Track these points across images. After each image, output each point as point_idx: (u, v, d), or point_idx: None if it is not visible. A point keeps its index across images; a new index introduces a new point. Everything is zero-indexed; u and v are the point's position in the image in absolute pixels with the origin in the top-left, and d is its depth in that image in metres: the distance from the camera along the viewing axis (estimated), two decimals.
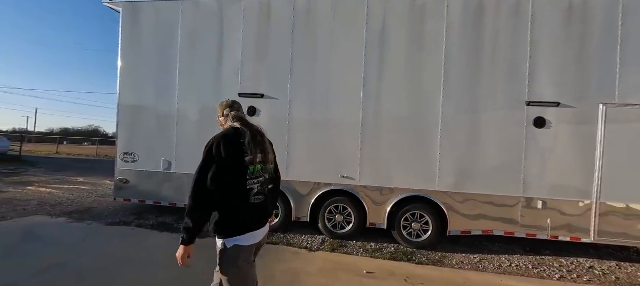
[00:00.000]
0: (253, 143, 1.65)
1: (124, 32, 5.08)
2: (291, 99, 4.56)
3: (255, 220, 1.68)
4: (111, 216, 5.07)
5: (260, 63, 4.68)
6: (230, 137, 1.65)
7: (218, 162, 1.56)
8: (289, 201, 4.54)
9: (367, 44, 4.40)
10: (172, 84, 4.91)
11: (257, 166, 1.65)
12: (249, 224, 1.64)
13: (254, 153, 1.64)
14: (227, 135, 1.66)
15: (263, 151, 1.72)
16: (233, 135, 1.67)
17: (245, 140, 1.64)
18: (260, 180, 1.67)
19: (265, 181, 1.72)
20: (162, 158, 4.91)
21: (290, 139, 4.55)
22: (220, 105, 1.90)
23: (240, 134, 1.67)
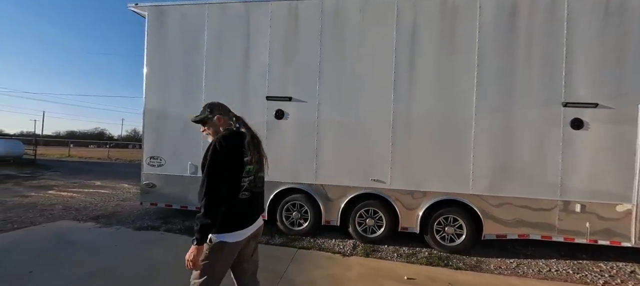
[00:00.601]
0: (252, 144, 1.80)
1: (149, 36, 5.07)
2: (320, 102, 4.51)
3: (243, 216, 1.76)
4: (138, 220, 5.06)
5: (287, 65, 4.65)
6: (234, 137, 1.78)
7: (226, 161, 1.67)
8: (319, 205, 4.49)
9: (397, 45, 4.35)
10: (198, 87, 4.89)
11: (252, 166, 1.77)
12: (239, 220, 1.73)
13: (252, 154, 1.77)
14: (232, 135, 1.79)
15: (258, 152, 1.85)
16: (236, 135, 1.80)
17: (245, 140, 1.79)
18: (250, 178, 1.77)
19: (254, 179, 1.81)
20: (189, 162, 4.89)
21: (319, 142, 4.50)
22: (217, 104, 1.95)
23: (241, 135, 1.82)
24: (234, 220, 1.70)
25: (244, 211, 1.76)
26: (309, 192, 4.51)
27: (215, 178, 1.62)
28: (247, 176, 1.76)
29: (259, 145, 1.88)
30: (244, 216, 1.77)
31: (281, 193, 4.60)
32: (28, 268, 3.10)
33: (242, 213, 1.75)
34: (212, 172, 1.63)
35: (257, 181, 1.86)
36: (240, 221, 1.74)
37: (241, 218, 1.75)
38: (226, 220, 1.66)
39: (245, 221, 1.77)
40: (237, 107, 4.72)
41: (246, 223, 1.77)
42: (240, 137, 1.80)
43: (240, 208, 1.73)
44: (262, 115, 4.67)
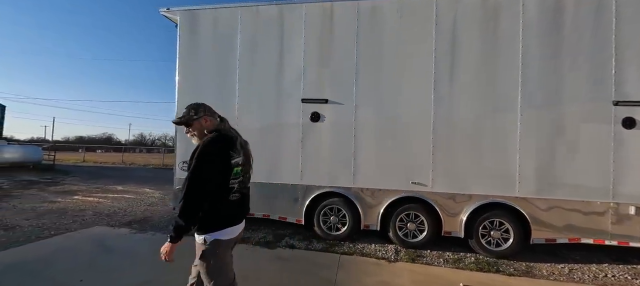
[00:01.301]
0: (241, 146, 1.83)
1: (181, 41, 5.05)
2: (357, 104, 4.43)
3: (234, 216, 1.80)
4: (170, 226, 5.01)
5: (323, 68, 4.58)
6: (222, 139, 1.77)
7: (213, 163, 1.68)
8: (357, 209, 4.39)
9: (437, 44, 4.25)
10: (231, 92, 4.85)
11: (239, 168, 1.78)
12: (229, 219, 1.76)
13: (240, 156, 1.79)
14: (220, 138, 1.77)
15: (246, 154, 1.87)
16: (223, 138, 1.79)
17: (237, 142, 1.81)
18: (239, 179, 1.79)
19: (243, 181, 1.83)
20: None
21: (357, 145, 4.41)
22: (202, 105, 1.91)
23: (230, 137, 1.82)
24: (225, 219, 1.75)
25: (234, 211, 1.80)
26: (347, 195, 4.42)
27: (197, 183, 1.63)
28: (236, 178, 1.77)
29: (246, 145, 1.91)
30: (234, 216, 1.80)
31: (318, 198, 4.52)
32: (77, 277, 3.06)
33: (232, 213, 1.79)
34: (196, 176, 1.64)
35: (246, 182, 1.89)
36: (232, 220, 1.78)
37: (232, 217, 1.79)
38: (217, 220, 1.72)
39: (235, 220, 1.81)
40: (271, 110, 4.74)
41: (236, 222, 1.81)
42: (228, 139, 1.80)
43: (231, 209, 1.77)
44: (297, 117, 4.61)
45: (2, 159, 12.18)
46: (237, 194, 1.78)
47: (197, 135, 1.87)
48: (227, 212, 1.76)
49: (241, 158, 1.80)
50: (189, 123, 1.87)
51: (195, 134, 1.87)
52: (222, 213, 1.74)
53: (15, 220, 5.06)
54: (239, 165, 1.78)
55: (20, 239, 4.12)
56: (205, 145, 1.71)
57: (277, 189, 4.67)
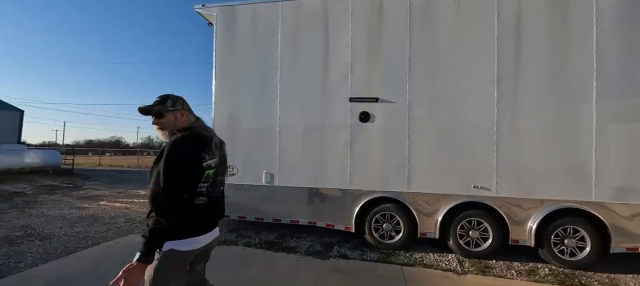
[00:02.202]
0: (216, 147, 1.66)
1: (218, 38, 4.81)
2: (410, 102, 4.12)
3: (198, 223, 1.57)
4: None
5: (372, 64, 4.28)
6: (195, 139, 1.57)
7: (186, 167, 1.47)
8: (413, 215, 4.07)
9: (500, 36, 3.91)
10: (272, 91, 4.58)
11: (211, 170, 1.59)
12: (192, 227, 1.54)
13: (214, 158, 1.61)
14: (193, 137, 1.57)
15: (221, 156, 1.70)
16: (197, 137, 1.59)
17: (212, 143, 1.63)
18: (208, 183, 1.59)
19: (213, 184, 1.63)
20: (264, 171, 4.57)
21: (411, 147, 4.10)
22: (181, 98, 1.70)
23: (203, 137, 1.62)
24: (188, 227, 1.52)
25: (199, 218, 1.57)
26: (401, 201, 4.11)
27: (172, 188, 1.40)
28: (205, 181, 1.57)
29: (222, 145, 1.76)
30: (199, 223, 1.58)
31: (369, 204, 4.21)
32: None
33: (196, 220, 1.56)
34: (170, 181, 1.40)
35: (217, 185, 1.69)
36: (195, 228, 1.55)
37: (195, 225, 1.56)
38: (180, 227, 1.48)
39: (200, 228, 1.58)
40: (316, 110, 4.44)
41: (201, 230, 1.58)
42: (202, 138, 1.61)
43: (195, 214, 1.54)
44: (344, 118, 4.31)
45: (23, 164, 12.16)
46: (203, 198, 1.56)
47: (167, 130, 1.64)
48: (191, 218, 1.52)
49: (215, 160, 1.62)
50: (161, 113, 1.62)
51: (164, 129, 1.64)
52: (185, 219, 1.49)
53: (49, 228, 4.86)
54: (211, 168, 1.59)
55: (59, 250, 3.90)
56: (177, 144, 1.48)
57: (324, 194, 4.39)
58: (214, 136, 1.71)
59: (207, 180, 1.58)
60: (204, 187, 1.56)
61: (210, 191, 1.60)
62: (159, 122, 1.63)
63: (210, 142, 1.63)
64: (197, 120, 1.72)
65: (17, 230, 4.74)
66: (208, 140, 1.63)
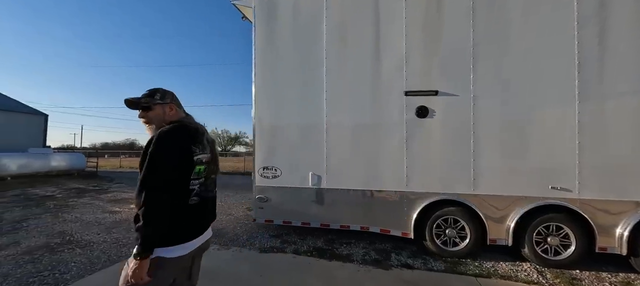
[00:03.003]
0: (208, 142, 1.60)
1: (258, 32, 4.52)
2: (475, 94, 3.71)
3: (191, 226, 1.48)
4: (252, 239, 4.48)
5: (430, 54, 3.89)
6: (183, 130, 1.50)
7: (172, 159, 1.39)
8: (481, 220, 3.67)
9: (580, 17, 3.46)
10: (318, 86, 4.25)
11: (203, 166, 1.53)
12: (184, 232, 1.45)
13: (205, 153, 1.55)
14: (181, 129, 1.49)
15: (212, 153, 1.63)
16: (185, 129, 1.52)
17: (200, 136, 1.55)
18: (200, 180, 1.52)
19: (205, 182, 1.56)
20: (310, 173, 4.25)
21: (477, 144, 3.69)
22: (170, 92, 1.64)
23: (193, 129, 1.55)
24: (178, 230, 1.43)
25: (192, 220, 1.49)
26: (467, 204, 3.72)
27: (158, 180, 1.33)
28: (197, 178, 1.50)
29: (213, 143, 1.67)
30: (192, 226, 1.49)
31: (430, 207, 3.84)
32: None
33: (189, 222, 1.48)
34: (154, 173, 1.33)
35: (209, 184, 1.60)
36: (187, 233, 1.47)
37: (188, 228, 1.47)
38: (169, 231, 1.38)
39: (193, 232, 1.50)
40: (367, 106, 4.07)
41: (193, 234, 1.50)
42: (192, 130, 1.54)
43: (188, 216, 1.46)
44: (399, 113, 3.94)
45: (50, 167, 12.30)
46: (196, 198, 1.49)
47: (154, 124, 1.56)
48: (183, 221, 1.44)
49: (206, 155, 1.56)
50: (148, 106, 1.56)
51: (151, 123, 1.57)
52: (178, 222, 1.41)
53: (87, 235, 4.69)
54: (202, 163, 1.52)
55: (103, 259, 3.69)
56: (162, 135, 1.40)
57: (377, 197, 4.03)
58: (205, 132, 1.63)
59: (198, 177, 1.50)
60: (196, 185, 1.48)
61: (202, 190, 1.52)
62: (146, 115, 1.56)
63: (201, 136, 1.56)
64: (187, 115, 1.66)
65: (55, 237, 4.58)
66: (199, 133, 1.56)
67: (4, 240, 4.40)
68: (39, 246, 4.16)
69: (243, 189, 10.12)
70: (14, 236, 4.56)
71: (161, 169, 1.35)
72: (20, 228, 5.07)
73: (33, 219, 5.71)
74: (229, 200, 7.92)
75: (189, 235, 1.47)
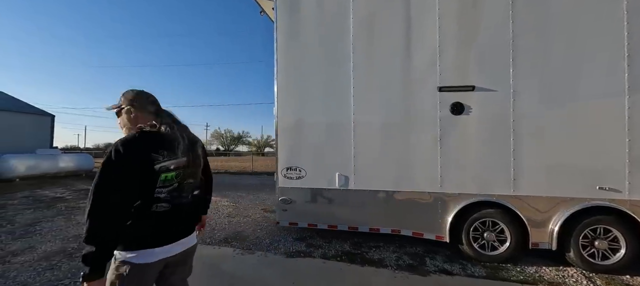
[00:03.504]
0: (182, 146, 1.48)
1: (280, 27, 4.32)
2: (515, 89, 3.50)
3: (159, 233, 1.41)
4: (276, 243, 4.30)
5: (466, 46, 3.68)
6: (141, 138, 1.39)
7: (121, 168, 1.29)
8: (523, 223, 3.47)
9: (629, 7, 3.24)
10: (344, 83, 4.05)
11: (172, 173, 1.42)
12: (150, 238, 1.38)
13: (175, 158, 1.44)
14: (138, 137, 1.39)
15: (193, 156, 1.53)
16: (147, 136, 1.41)
17: (166, 142, 1.43)
18: (170, 187, 1.42)
19: (179, 188, 1.46)
20: (337, 173, 4.06)
21: (517, 143, 3.48)
22: (133, 93, 1.55)
23: (156, 135, 1.43)
24: (143, 237, 1.37)
25: (158, 227, 1.40)
26: (507, 206, 3.51)
27: (101, 194, 1.24)
28: (165, 186, 1.41)
29: (193, 145, 1.57)
30: (157, 233, 1.40)
31: (466, 209, 3.64)
32: None
33: (155, 229, 1.40)
34: (98, 186, 1.25)
35: (185, 190, 1.50)
36: (150, 239, 1.39)
37: (152, 235, 1.39)
38: (133, 236, 1.35)
39: (161, 239, 1.41)
40: (397, 102, 3.84)
41: (161, 241, 1.41)
42: (152, 138, 1.42)
43: (152, 223, 1.38)
44: (432, 110, 3.74)
45: (58, 168, 12.18)
46: (165, 204, 1.40)
47: (123, 130, 1.52)
48: (148, 228, 1.38)
49: (177, 161, 1.44)
50: (118, 113, 1.54)
51: (122, 129, 1.53)
52: (140, 229, 1.36)
53: None
54: (169, 170, 1.41)
55: None
56: (114, 147, 1.32)
57: (409, 199, 3.84)
58: (179, 135, 1.48)
59: (165, 184, 1.40)
60: (164, 193, 1.40)
61: (174, 197, 1.44)
62: (119, 124, 1.54)
63: (172, 142, 1.44)
64: (159, 116, 1.52)
65: (71, 241, 4.42)
66: (167, 139, 1.44)
67: (18, 244, 4.25)
68: (56, 251, 4.00)
69: (254, 189, 9.96)
70: (29, 241, 4.41)
71: (104, 181, 1.26)
72: (34, 231, 4.92)
73: (46, 222, 5.56)
74: (243, 201, 7.74)
75: (155, 242, 1.39)
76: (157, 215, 1.38)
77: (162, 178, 1.38)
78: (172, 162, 1.41)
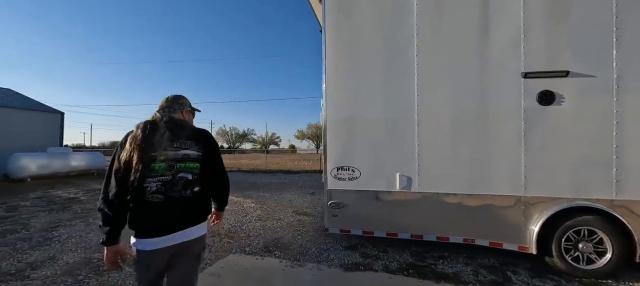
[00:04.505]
0: (160, 139, 1.55)
1: (329, 6, 3.79)
2: (619, 75, 2.95)
3: (150, 223, 1.50)
4: (323, 252, 3.81)
5: (557, 24, 3.13)
6: (143, 128, 1.56)
7: (119, 152, 1.52)
8: (629, 233, 2.93)
9: None
10: (407, 69, 3.53)
11: (159, 164, 1.51)
12: (143, 228, 1.50)
13: (167, 149, 1.54)
14: (143, 127, 1.56)
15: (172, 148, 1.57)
16: (146, 126, 1.57)
17: (157, 135, 1.55)
18: (164, 178, 1.50)
19: (172, 181, 1.52)
20: (397, 174, 3.55)
21: (621, 137, 2.94)
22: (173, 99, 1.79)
23: (153, 124, 1.59)
24: (140, 226, 1.50)
25: (151, 217, 1.49)
26: (608, 212, 2.97)
27: (108, 174, 1.52)
28: (154, 175, 1.49)
29: (197, 137, 1.67)
30: (152, 223, 1.49)
31: (558, 216, 3.10)
32: None
33: (148, 219, 1.49)
34: (109, 167, 1.54)
35: (175, 183, 1.53)
36: (148, 228, 1.50)
37: (148, 225, 1.50)
38: (135, 224, 1.51)
39: (155, 229, 1.50)
40: (472, 91, 3.05)
41: (156, 232, 1.49)
42: (148, 126, 1.56)
43: (147, 213, 1.49)
44: (515, 100, 3.21)
45: (70, 167, 11.79)
46: (159, 195, 1.48)
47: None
48: (142, 217, 1.49)
49: (170, 152, 1.54)
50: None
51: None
52: (136, 218, 1.50)
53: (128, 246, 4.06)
54: (159, 161, 1.50)
55: None
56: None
57: (486, 204, 3.32)
58: (171, 125, 1.61)
59: (155, 174, 1.49)
60: (154, 183, 1.48)
61: (167, 189, 1.50)
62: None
63: (163, 134, 1.56)
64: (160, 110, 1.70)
65: (94, 250, 3.97)
66: (158, 131, 1.56)
67: (37, 255, 3.80)
68: (80, 263, 3.54)
69: (275, 188, 9.49)
70: (48, 250, 3.96)
71: (111, 165, 1.53)
72: (53, 238, 4.48)
73: (63, 227, 5.12)
74: (268, 202, 7.26)
75: (152, 232, 1.48)
76: (149, 205, 1.47)
77: (150, 168, 1.48)
78: (163, 153, 1.51)
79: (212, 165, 1.71)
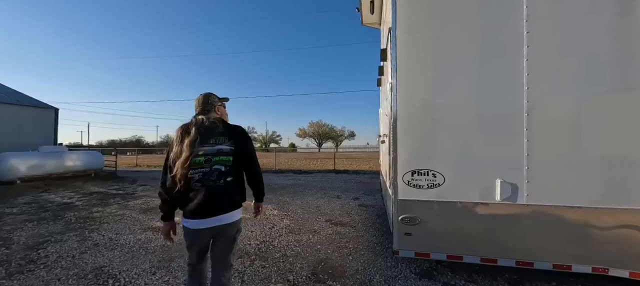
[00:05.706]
0: (195, 136, 1.77)
1: None
2: None
3: (192, 207, 1.75)
4: (389, 280, 2.92)
5: None
6: (179, 132, 1.82)
7: (169, 151, 1.82)
8: None
9: None
10: (511, 48, 2.65)
11: (199, 158, 1.75)
12: (189, 209, 1.76)
13: (198, 147, 1.76)
14: (178, 131, 1.83)
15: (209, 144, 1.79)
16: (187, 124, 1.85)
17: (194, 134, 1.78)
18: (203, 170, 1.75)
19: (209, 173, 1.75)
20: (498, 180, 2.67)
21: None
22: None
23: (192, 128, 1.81)
24: (185, 207, 1.78)
25: (192, 202, 1.76)
26: None
27: (164, 166, 1.86)
28: (196, 167, 1.75)
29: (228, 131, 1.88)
30: (192, 206, 1.75)
31: None
32: None
33: (190, 203, 1.76)
34: (165, 161, 1.86)
35: (211, 175, 1.76)
36: (189, 210, 1.77)
37: (190, 208, 1.76)
38: (182, 206, 1.81)
39: (194, 211, 1.76)
40: (606, 70, 1.73)
41: (196, 214, 1.76)
42: (194, 128, 1.81)
43: (190, 198, 1.76)
44: None
45: (64, 168, 10.80)
46: (198, 184, 1.75)
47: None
48: (186, 201, 1.77)
49: (208, 148, 1.78)
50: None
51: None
52: (183, 201, 1.78)
53: (139, 277, 3.14)
54: (200, 156, 1.76)
55: None
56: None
57: (628, 223, 2.45)
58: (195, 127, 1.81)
59: (196, 166, 1.75)
60: (196, 174, 1.74)
61: (205, 179, 1.75)
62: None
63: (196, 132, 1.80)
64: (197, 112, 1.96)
65: (90, 279, 3.07)
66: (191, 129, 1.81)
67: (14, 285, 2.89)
68: None
69: (293, 191, 8.56)
70: (29, 279, 3.05)
71: (167, 156, 1.85)
72: (38, 260, 3.57)
73: (52, 243, 4.21)
74: (292, 208, 6.33)
75: (191, 214, 1.76)
76: (194, 192, 1.75)
77: (194, 161, 1.74)
78: (199, 149, 1.77)
79: (243, 158, 1.89)
